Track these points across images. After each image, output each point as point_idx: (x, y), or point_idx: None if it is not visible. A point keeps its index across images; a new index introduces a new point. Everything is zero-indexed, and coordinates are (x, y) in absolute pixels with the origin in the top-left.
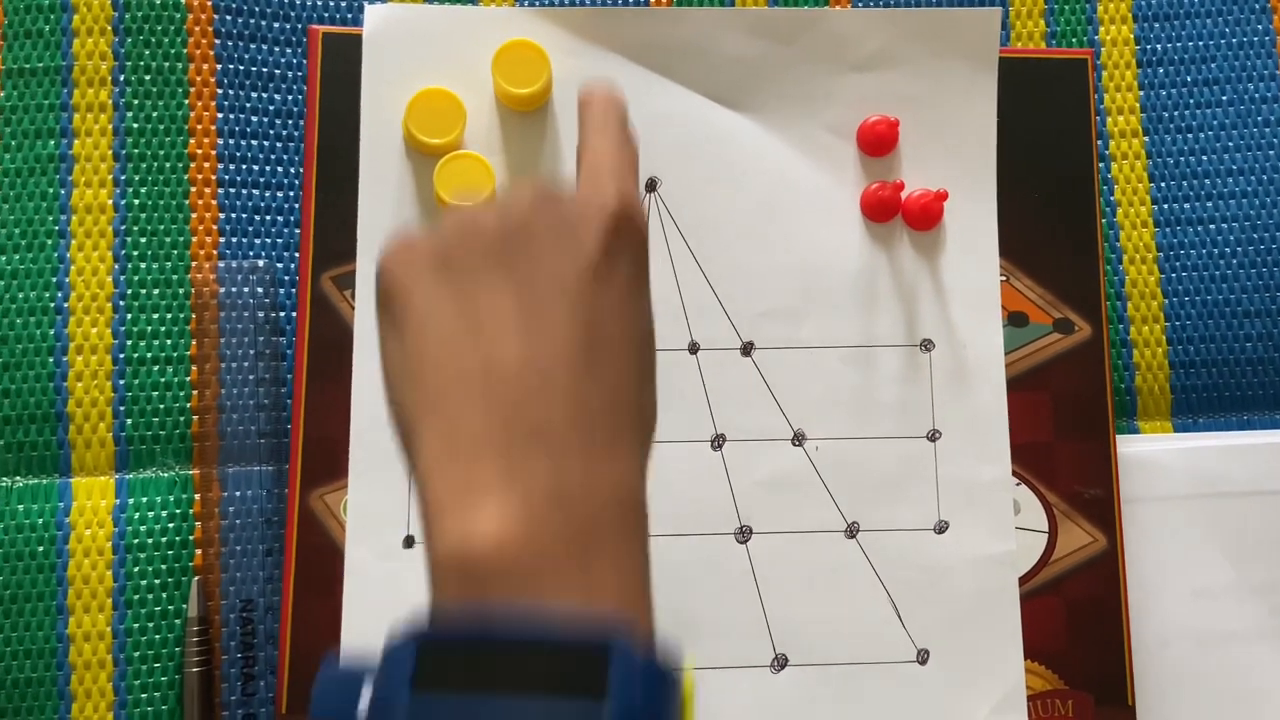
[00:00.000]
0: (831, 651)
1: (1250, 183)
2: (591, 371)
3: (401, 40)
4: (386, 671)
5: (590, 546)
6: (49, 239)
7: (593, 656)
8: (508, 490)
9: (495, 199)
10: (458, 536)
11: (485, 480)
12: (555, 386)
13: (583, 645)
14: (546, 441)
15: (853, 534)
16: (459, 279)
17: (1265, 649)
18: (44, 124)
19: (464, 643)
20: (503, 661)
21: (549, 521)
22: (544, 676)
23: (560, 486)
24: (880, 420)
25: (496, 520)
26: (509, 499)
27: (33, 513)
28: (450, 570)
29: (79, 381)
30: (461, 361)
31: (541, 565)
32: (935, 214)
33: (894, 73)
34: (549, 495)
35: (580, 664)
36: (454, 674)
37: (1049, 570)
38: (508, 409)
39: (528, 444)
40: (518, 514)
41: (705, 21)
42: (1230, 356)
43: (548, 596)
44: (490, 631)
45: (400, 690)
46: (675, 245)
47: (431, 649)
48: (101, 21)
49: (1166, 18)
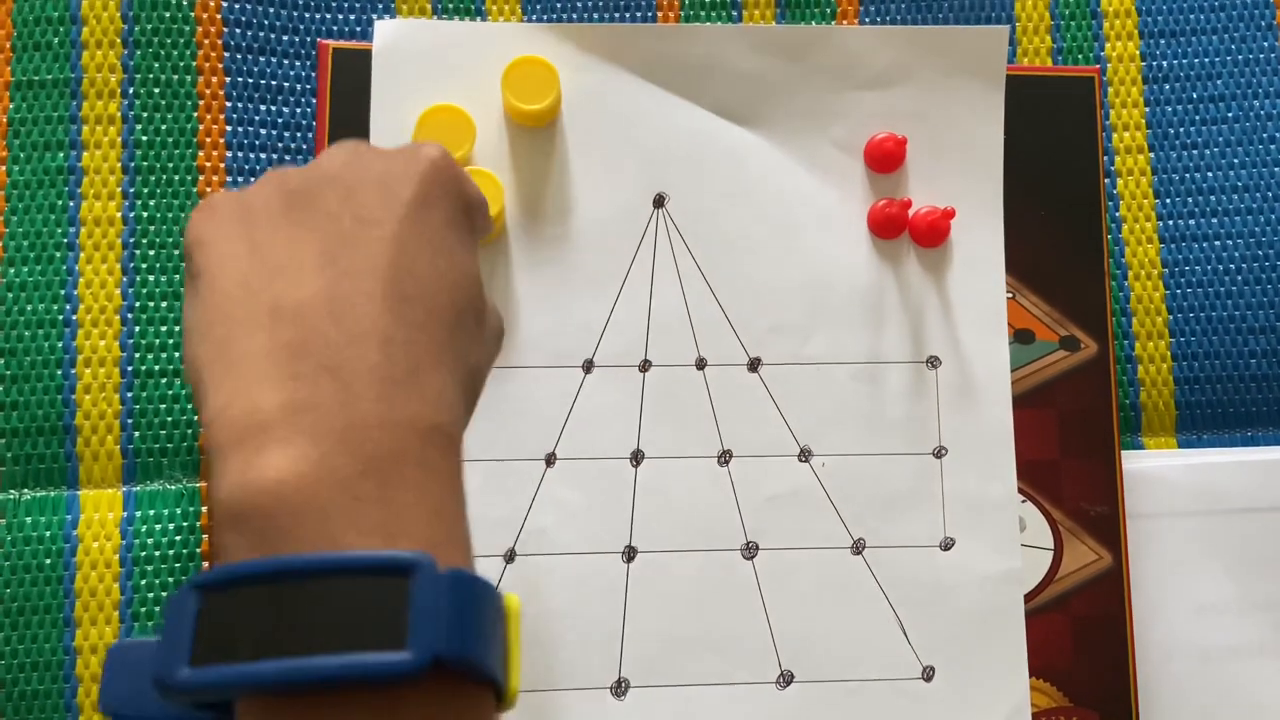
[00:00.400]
0: (837, 668)
1: (1256, 199)
2: (394, 308)
3: (411, 55)
4: (165, 631)
5: (389, 481)
6: (58, 251)
7: (394, 578)
8: (291, 428)
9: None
10: (236, 482)
11: (266, 420)
12: (352, 320)
13: (383, 566)
14: (337, 376)
15: (859, 550)
16: (259, 227)
17: (1269, 665)
18: (53, 136)
19: (248, 578)
20: (294, 595)
21: (336, 456)
22: (343, 598)
23: (352, 420)
24: (886, 436)
25: (279, 460)
26: (293, 437)
27: (40, 525)
28: (230, 519)
29: (87, 394)
30: (251, 304)
31: (333, 502)
32: (942, 231)
33: (902, 90)
34: (339, 430)
35: (380, 589)
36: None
37: (1054, 587)
38: (296, 345)
39: (315, 379)
40: (303, 452)
41: (713, 38)
42: (1235, 373)
43: (342, 536)
44: (280, 565)
45: (181, 646)
46: (682, 261)
47: (215, 594)
48: (111, 34)
49: (1172, 34)
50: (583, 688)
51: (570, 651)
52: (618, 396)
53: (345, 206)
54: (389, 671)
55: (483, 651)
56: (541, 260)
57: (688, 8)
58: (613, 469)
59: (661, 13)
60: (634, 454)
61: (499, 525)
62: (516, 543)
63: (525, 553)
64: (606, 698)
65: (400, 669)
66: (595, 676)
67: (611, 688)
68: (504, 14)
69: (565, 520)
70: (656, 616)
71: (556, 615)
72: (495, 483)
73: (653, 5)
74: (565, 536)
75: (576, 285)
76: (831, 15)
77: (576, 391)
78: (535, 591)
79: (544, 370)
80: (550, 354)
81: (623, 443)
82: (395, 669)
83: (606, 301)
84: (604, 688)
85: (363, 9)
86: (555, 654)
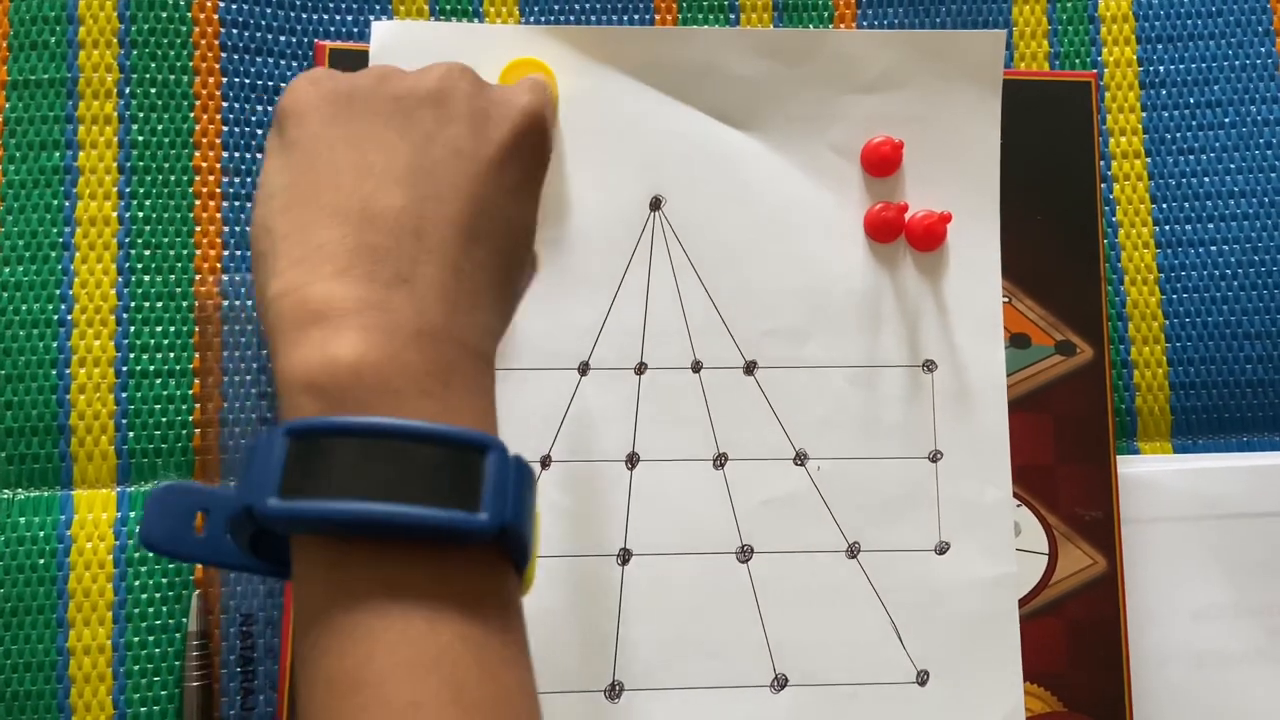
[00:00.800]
0: (832, 672)
1: (1252, 205)
2: (467, 241)
3: (408, 56)
4: (254, 466)
5: (450, 382)
6: (53, 251)
7: (472, 453)
8: (368, 321)
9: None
10: (315, 354)
11: (344, 309)
12: (431, 240)
13: (465, 440)
14: (412, 286)
15: (854, 554)
16: (361, 119)
17: (1263, 670)
18: (49, 136)
19: (341, 430)
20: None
21: (408, 353)
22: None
23: (422, 328)
24: (882, 440)
25: (354, 345)
26: (369, 328)
27: (34, 525)
28: (305, 385)
29: (81, 394)
30: (341, 195)
31: (405, 389)
32: (939, 235)
33: (899, 94)
34: (410, 333)
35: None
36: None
37: (1049, 592)
38: (378, 249)
39: (392, 285)
40: (377, 342)
41: (711, 41)
42: (1230, 378)
43: (413, 417)
44: (375, 424)
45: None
46: (679, 263)
47: (305, 440)
48: (107, 34)
49: (1170, 40)
50: (577, 690)
51: (564, 654)
52: (613, 399)
53: (442, 130)
54: (468, 528)
55: (530, 531)
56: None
57: (685, 10)
58: (608, 472)
59: (659, 15)
60: (629, 457)
61: None
62: None
63: None
64: (600, 700)
65: (477, 527)
66: (589, 679)
67: (606, 690)
68: (501, 16)
69: (560, 522)
70: (651, 619)
71: (551, 617)
72: None
73: (650, 7)
74: (560, 540)
75: (573, 287)
76: (829, 19)
77: (572, 394)
78: (530, 594)
79: (539, 372)
80: (546, 356)
81: (618, 445)
82: (473, 526)
83: (603, 304)
84: (598, 690)
85: (360, 10)
86: (549, 656)
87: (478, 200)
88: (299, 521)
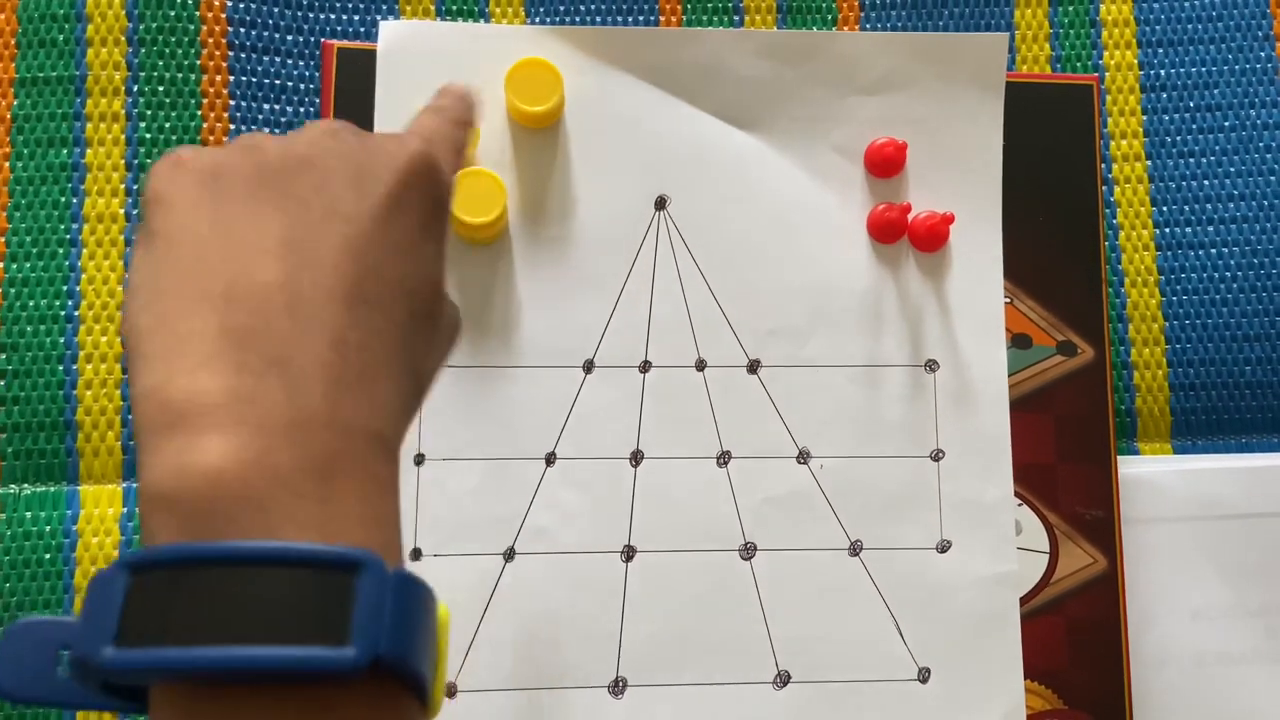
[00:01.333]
0: (833, 669)
1: (1252, 208)
2: (353, 309)
3: (416, 56)
4: (90, 608)
5: (330, 481)
6: (60, 247)
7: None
8: (234, 417)
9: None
10: (172, 465)
11: (207, 405)
12: (308, 314)
13: (330, 560)
14: (286, 369)
15: (856, 552)
16: (226, 196)
17: (1262, 670)
18: (57, 133)
19: (184, 560)
20: (232, 581)
21: (279, 450)
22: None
23: (297, 417)
24: (884, 439)
25: (215, 450)
26: (235, 426)
27: (40, 520)
28: (162, 501)
29: (88, 390)
30: (206, 279)
31: (272, 495)
32: (941, 236)
33: (902, 95)
34: (283, 425)
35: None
36: (173, 603)
37: (1050, 591)
38: (247, 332)
39: (263, 370)
40: (244, 443)
41: (716, 42)
42: (1230, 380)
43: (279, 530)
44: (222, 550)
45: (108, 625)
46: (683, 263)
47: (146, 575)
48: (115, 32)
49: (1170, 43)
50: (580, 686)
51: (568, 650)
52: (618, 397)
53: (318, 194)
54: (330, 667)
55: (420, 657)
56: (543, 261)
57: (690, 12)
58: (612, 469)
59: (664, 16)
60: (633, 454)
61: (498, 524)
62: (516, 541)
63: (524, 551)
64: (604, 696)
65: (341, 665)
66: (593, 675)
67: (609, 686)
68: (507, 16)
69: (564, 520)
70: (655, 616)
71: (555, 614)
72: (495, 482)
73: (655, 9)
74: (564, 536)
75: (577, 286)
76: (833, 21)
77: (577, 392)
78: (534, 590)
79: (544, 370)
80: (551, 354)
81: (622, 443)
82: (336, 664)
83: (607, 302)
84: (602, 686)
85: (367, 10)
86: (553, 652)
87: (361, 263)
88: (137, 672)
